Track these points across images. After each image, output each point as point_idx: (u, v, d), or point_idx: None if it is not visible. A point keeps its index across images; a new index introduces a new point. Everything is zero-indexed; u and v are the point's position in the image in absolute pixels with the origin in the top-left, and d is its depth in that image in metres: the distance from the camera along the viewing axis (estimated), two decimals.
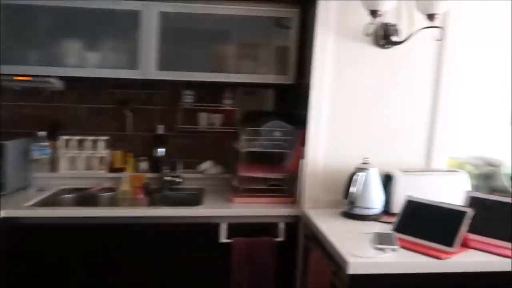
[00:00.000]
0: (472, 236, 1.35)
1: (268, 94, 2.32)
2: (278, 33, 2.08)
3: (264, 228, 1.83)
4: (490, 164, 1.93)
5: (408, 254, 1.28)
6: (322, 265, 1.49)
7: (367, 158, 1.71)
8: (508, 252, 1.29)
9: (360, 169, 1.67)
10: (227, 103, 2.24)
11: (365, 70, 1.80)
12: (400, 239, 1.37)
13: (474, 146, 2.44)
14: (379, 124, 1.83)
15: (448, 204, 1.40)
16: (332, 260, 1.38)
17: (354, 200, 1.65)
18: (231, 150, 2.17)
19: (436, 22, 1.60)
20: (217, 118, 2.27)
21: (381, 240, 1.35)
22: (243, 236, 1.81)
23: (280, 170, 2.00)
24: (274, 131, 1.97)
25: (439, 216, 1.38)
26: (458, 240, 1.28)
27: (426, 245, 1.32)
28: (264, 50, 2.11)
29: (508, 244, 1.32)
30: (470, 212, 1.31)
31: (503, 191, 1.79)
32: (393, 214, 1.66)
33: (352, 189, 1.63)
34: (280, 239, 1.83)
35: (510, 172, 1.86)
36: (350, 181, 1.66)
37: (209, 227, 1.80)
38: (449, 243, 1.28)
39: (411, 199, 1.49)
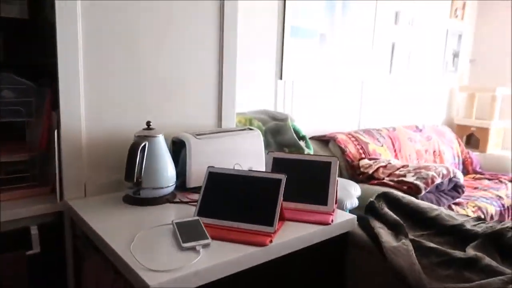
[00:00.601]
0: (284, 205, 1.15)
1: None
2: None
3: (8, 239, 1.20)
4: (276, 118, 1.83)
5: (225, 248, 0.97)
6: (106, 281, 1.04)
7: (149, 122, 1.29)
8: (324, 217, 1.14)
9: (143, 138, 1.25)
10: None
11: (133, 8, 1.33)
12: (209, 226, 1.04)
13: (253, 100, 2.38)
14: (160, 78, 1.41)
15: (258, 172, 1.15)
16: (120, 272, 0.95)
17: (139, 180, 1.22)
18: None
19: None
20: None
21: (187, 234, 0.99)
22: None
23: (22, 149, 1.35)
24: (1, 90, 1.28)
25: (250, 188, 1.11)
26: (278, 215, 1.05)
27: (242, 229, 1.04)
28: None
29: (321, 207, 1.19)
30: (284, 178, 1.10)
31: (293, 146, 1.71)
32: (191, 189, 1.33)
33: (134, 166, 1.20)
34: (35, 250, 1.24)
35: (296, 126, 1.79)
36: (131, 154, 1.21)
37: None
38: (269, 222, 1.04)
39: (213, 170, 1.18)
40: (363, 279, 1.23)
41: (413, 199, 1.35)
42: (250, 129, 1.52)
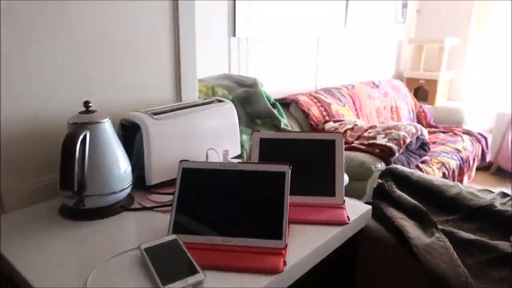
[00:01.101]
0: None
1: None
2: None
3: None
4: (243, 84, 1.51)
5: (224, 283, 0.68)
6: None
7: (88, 102, 0.93)
8: (338, 214, 0.89)
9: (81, 125, 0.89)
10: None
11: None
12: (192, 247, 0.74)
13: (204, 61, 2.03)
14: (99, 41, 1.03)
15: (251, 165, 0.85)
16: None
17: (80, 185, 0.87)
18: None
19: None
20: None
21: (165, 267, 0.68)
22: None
23: None
24: None
25: (242, 187, 0.82)
26: (286, 222, 0.77)
27: (240, 246, 0.75)
28: None
29: (327, 200, 0.93)
30: (288, 171, 0.81)
31: (267, 116, 1.42)
32: (152, 187, 1.01)
33: (73, 167, 0.84)
34: None
35: (265, 91, 1.49)
36: (66, 151, 0.85)
37: None
38: (276, 233, 0.76)
39: (188, 166, 0.86)
40: (378, 275, 1.02)
41: (422, 174, 1.15)
42: (219, 100, 1.20)
